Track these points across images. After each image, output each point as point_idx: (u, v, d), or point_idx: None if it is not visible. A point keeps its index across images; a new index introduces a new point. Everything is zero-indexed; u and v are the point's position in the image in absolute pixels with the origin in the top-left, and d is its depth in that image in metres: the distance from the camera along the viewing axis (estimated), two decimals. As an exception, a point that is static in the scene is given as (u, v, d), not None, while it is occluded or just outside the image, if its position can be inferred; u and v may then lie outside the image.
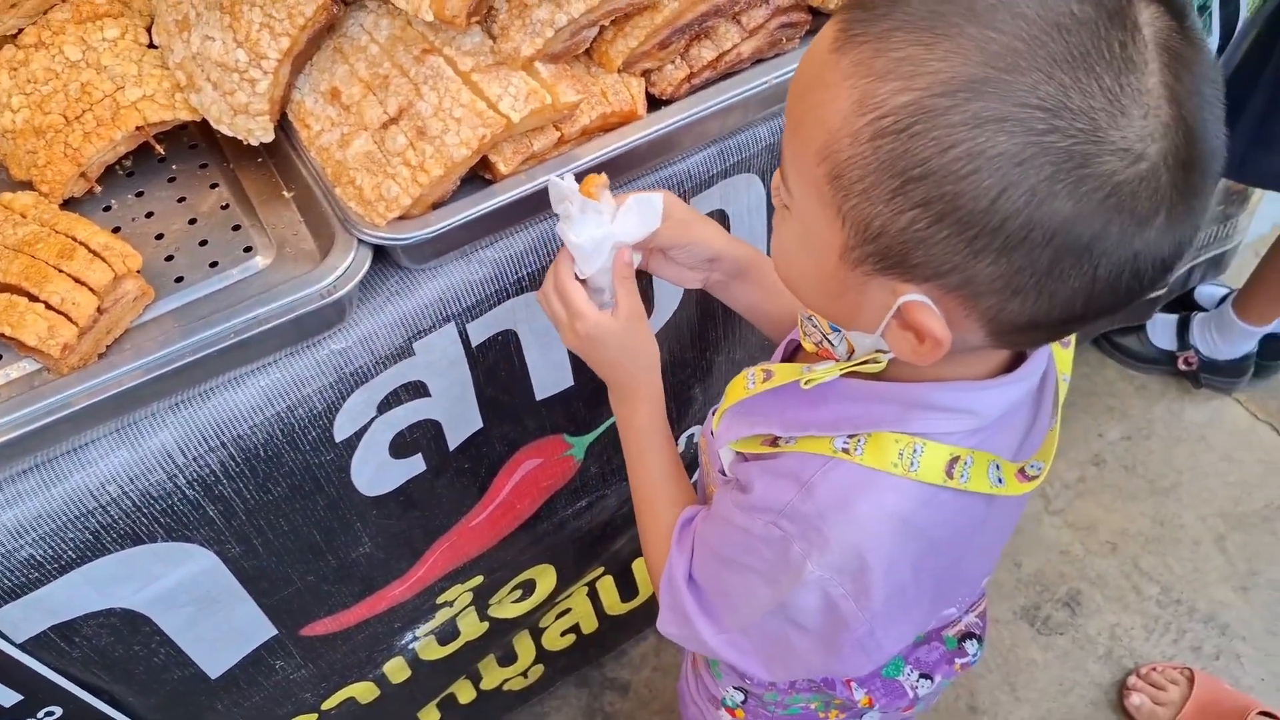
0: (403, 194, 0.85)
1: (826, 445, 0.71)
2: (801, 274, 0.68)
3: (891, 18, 0.56)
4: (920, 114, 0.54)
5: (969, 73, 0.53)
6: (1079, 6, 0.53)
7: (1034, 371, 0.72)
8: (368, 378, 0.94)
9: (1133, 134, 0.53)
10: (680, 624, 0.85)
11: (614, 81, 0.93)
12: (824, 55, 0.59)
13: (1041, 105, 0.52)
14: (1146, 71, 0.53)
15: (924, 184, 0.55)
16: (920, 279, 0.59)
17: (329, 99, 0.90)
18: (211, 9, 0.90)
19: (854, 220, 0.59)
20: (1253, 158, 1.67)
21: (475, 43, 0.88)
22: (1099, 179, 0.53)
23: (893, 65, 0.55)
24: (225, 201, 0.95)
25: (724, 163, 1.05)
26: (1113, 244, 0.55)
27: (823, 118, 0.58)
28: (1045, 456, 0.76)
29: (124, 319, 0.84)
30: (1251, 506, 2.02)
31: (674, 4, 0.91)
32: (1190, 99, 0.54)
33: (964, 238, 0.55)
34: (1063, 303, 0.58)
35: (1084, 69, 0.52)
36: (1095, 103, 0.52)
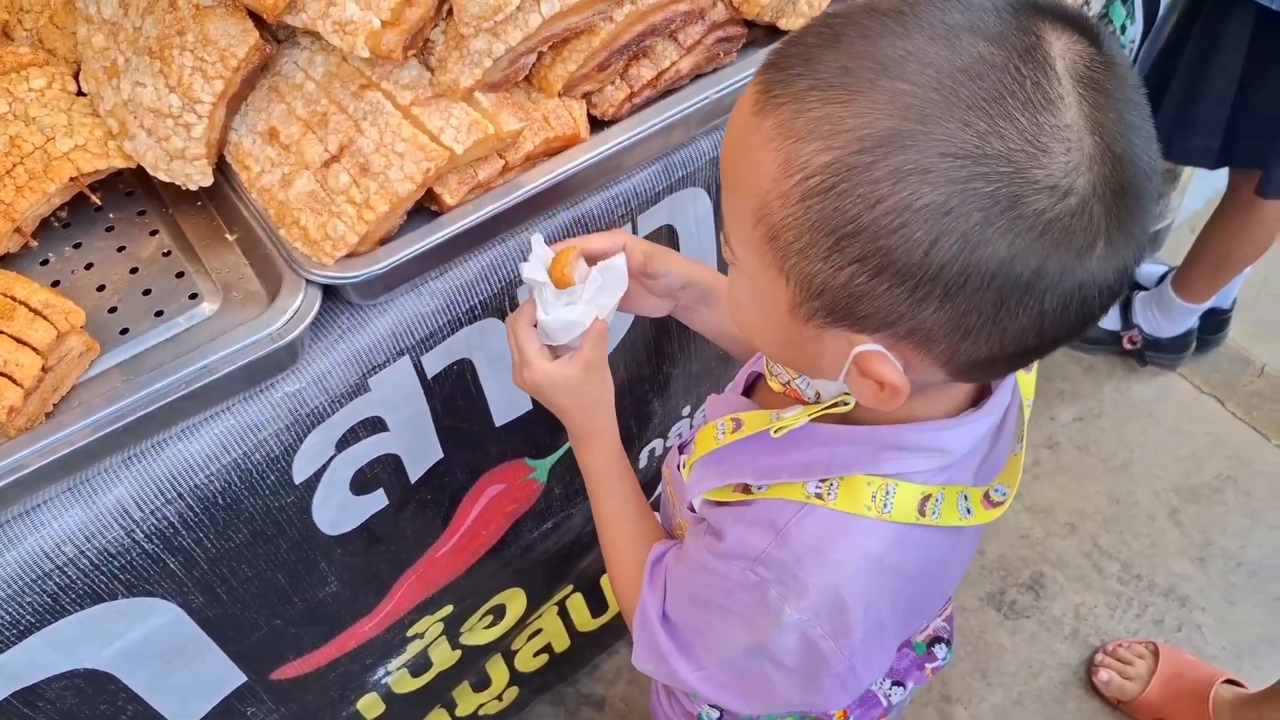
0: (349, 232, 0.85)
1: (799, 491, 0.71)
2: (759, 328, 0.68)
3: (806, 78, 0.56)
4: (844, 172, 0.54)
5: (885, 126, 0.53)
6: (987, 49, 0.53)
7: (1000, 404, 0.73)
8: (324, 417, 0.93)
9: (1057, 171, 0.53)
10: (656, 661, 0.85)
11: (555, 106, 0.93)
12: (746, 118, 0.59)
13: (960, 153, 0.52)
14: (1063, 106, 0.53)
15: (857, 240, 0.55)
16: (870, 329, 0.59)
17: (267, 139, 0.89)
18: (140, 54, 0.89)
19: (797, 278, 0.59)
20: (1178, 137, 1.71)
21: (413, 76, 0.88)
22: (1030, 218, 0.53)
23: (812, 125, 0.55)
24: (167, 248, 0.93)
25: (669, 178, 1.05)
26: (1054, 278, 0.55)
27: (752, 181, 0.59)
28: (1010, 481, 0.76)
29: (70, 376, 0.83)
30: (1202, 479, 2.06)
31: (610, 26, 0.91)
32: (1113, 126, 0.54)
33: (905, 288, 0.55)
34: (1014, 337, 0.58)
35: (999, 113, 0.52)
36: (1014, 145, 0.52)
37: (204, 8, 0.86)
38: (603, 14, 0.90)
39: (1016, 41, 0.54)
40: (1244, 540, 1.97)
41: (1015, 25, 0.54)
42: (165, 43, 0.87)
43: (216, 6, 0.86)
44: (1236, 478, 2.06)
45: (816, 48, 0.57)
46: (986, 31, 0.54)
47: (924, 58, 0.54)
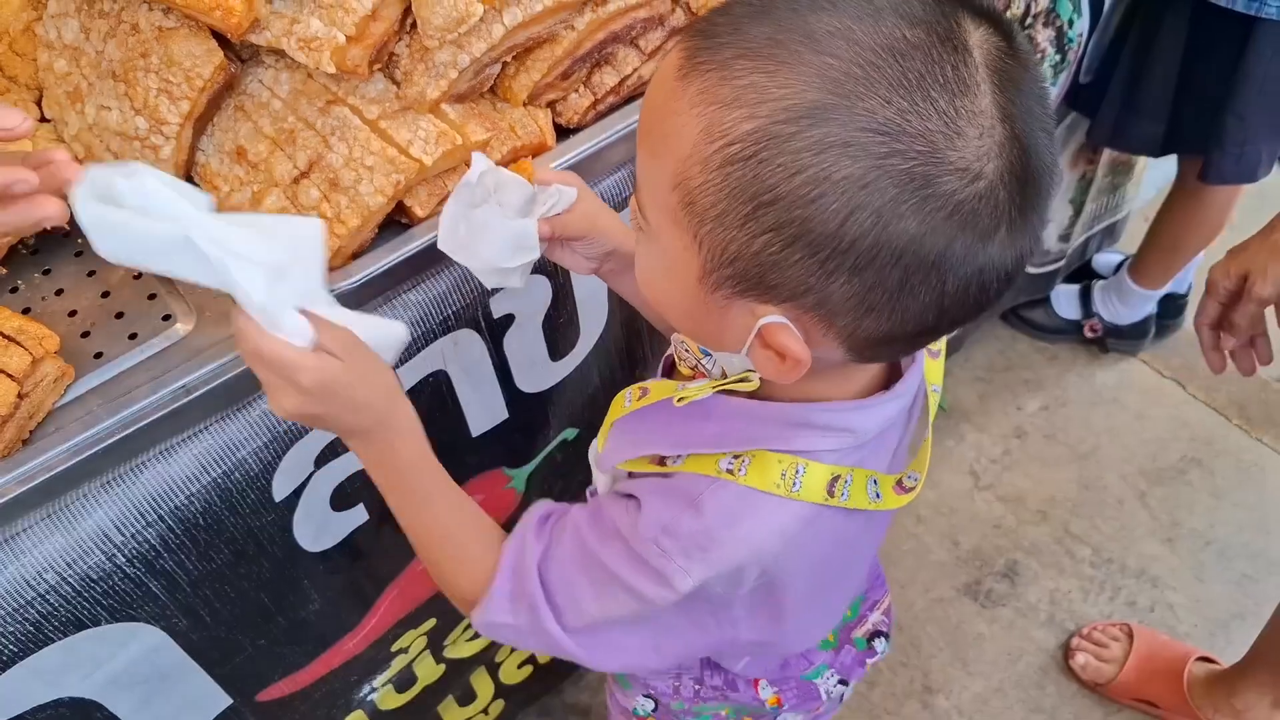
0: (322, 247, 0.85)
1: (712, 465, 0.72)
2: (664, 297, 0.68)
3: (733, 45, 0.57)
4: (766, 140, 0.55)
5: (810, 99, 0.54)
6: (911, 32, 0.55)
7: (909, 389, 0.74)
8: (302, 434, 0.93)
9: (970, 154, 0.55)
10: (523, 614, 0.78)
11: (521, 115, 0.94)
12: (670, 83, 0.59)
13: (881, 129, 0.54)
14: (979, 93, 0.55)
15: (774, 209, 0.56)
16: (777, 300, 0.60)
17: (235, 158, 0.89)
18: (104, 78, 0.89)
19: (709, 245, 0.60)
20: (1124, 124, 1.75)
21: (379, 90, 0.88)
22: (941, 198, 0.55)
23: (737, 93, 0.56)
24: (137, 271, 0.93)
25: (635, 184, 1.06)
26: (958, 260, 0.57)
27: (672, 146, 0.59)
28: (920, 467, 0.78)
29: (46, 402, 0.82)
30: (1167, 461, 2.10)
31: (572, 35, 0.92)
32: (1022, 117, 0.56)
33: (816, 259, 0.57)
34: (915, 317, 0.60)
35: (920, 93, 0.54)
36: (932, 125, 0.54)
37: (167, 29, 0.86)
38: (564, 23, 0.92)
39: (938, 26, 0.55)
40: (1211, 520, 2.01)
41: (937, 11, 0.56)
42: (129, 66, 0.87)
43: (179, 28, 0.86)
44: (1200, 459, 2.10)
45: (745, 19, 0.58)
46: (911, 15, 0.56)
47: (851, 35, 0.55)
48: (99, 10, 0.90)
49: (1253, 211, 2.12)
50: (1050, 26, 1.54)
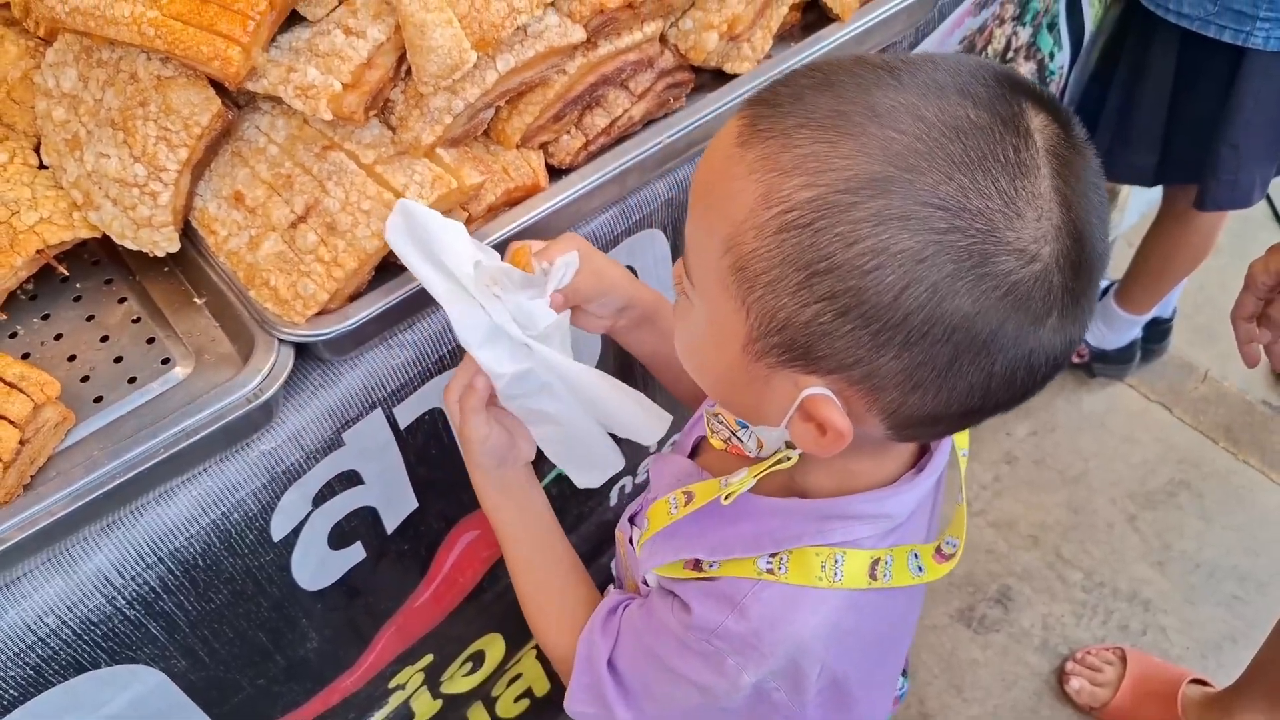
0: (319, 290, 0.86)
1: (751, 568, 0.73)
2: (704, 365, 0.69)
3: (796, 115, 0.57)
4: (825, 209, 0.55)
5: (873, 170, 0.54)
6: (975, 113, 0.55)
7: (939, 465, 0.75)
8: (300, 474, 0.94)
9: (1027, 235, 0.55)
10: (598, 705, 0.84)
11: (514, 157, 0.96)
12: (729, 149, 0.60)
13: (942, 205, 0.54)
14: (1039, 176, 0.56)
15: (829, 278, 0.56)
16: (824, 371, 0.60)
17: (233, 203, 0.91)
18: (103, 126, 0.90)
19: (759, 312, 0.60)
20: (1116, 156, 1.77)
21: (375, 135, 0.90)
22: (997, 278, 0.55)
23: (798, 161, 0.56)
24: (136, 315, 0.94)
25: (627, 221, 1.08)
26: (1009, 341, 0.57)
27: (728, 210, 0.59)
28: (958, 532, 0.78)
29: (47, 447, 0.83)
30: (1156, 484, 2.12)
31: (564, 78, 0.94)
32: (1078, 203, 0.57)
33: (868, 331, 0.57)
34: (961, 397, 0.60)
35: (982, 171, 0.54)
36: (993, 204, 0.54)
37: (166, 78, 0.87)
38: (556, 67, 0.93)
39: (1002, 109, 0.56)
40: (1200, 542, 2.02)
41: (1000, 94, 0.57)
42: (128, 114, 0.88)
43: (178, 76, 0.87)
44: (1189, 482, 2.12)
45: (809, 89, 0.58)
46: (975, 96, 0.56)
47: (916, 111, 0.55)
48: (97, 59, 0.92)
49: (1235, 234, 2.17)
50: (1031, 60, 1.57)
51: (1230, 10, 1.50)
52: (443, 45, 0.82)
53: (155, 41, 0.83)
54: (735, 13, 1.01)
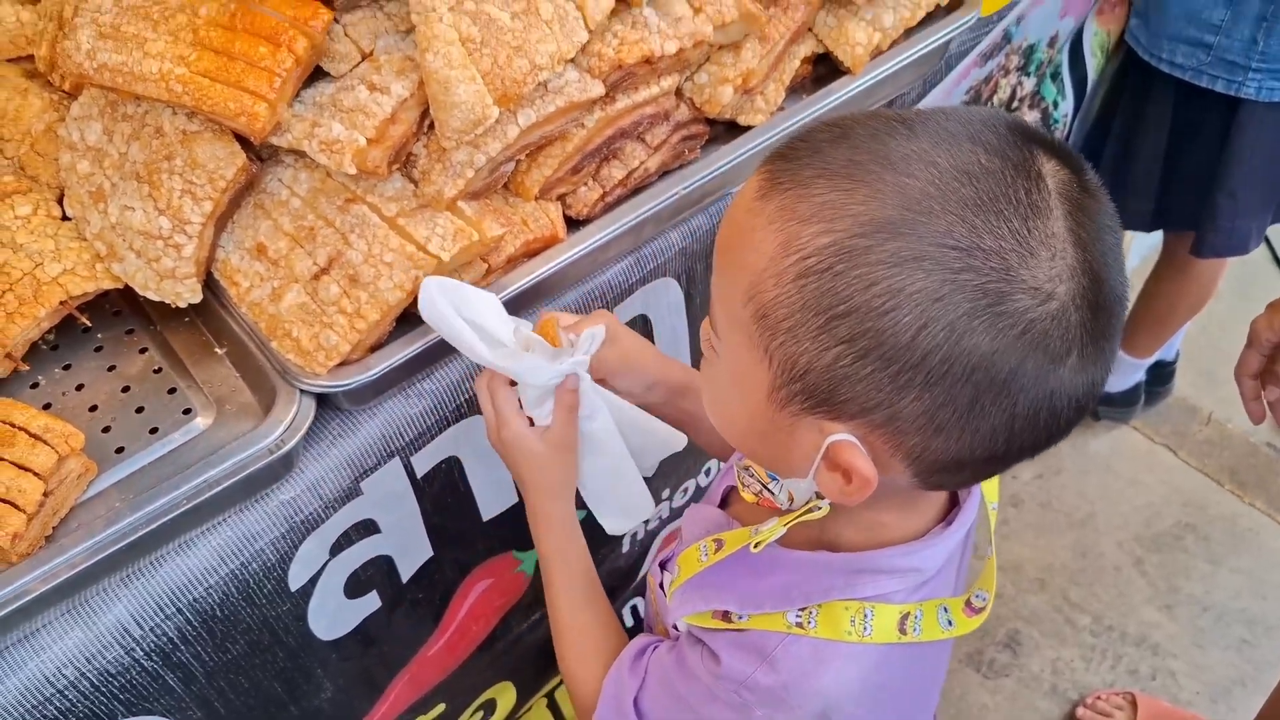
0: (342, 341, 0.87)
1: (780, 621, 0.73)
2: (731, 417, 0.70)
3: (813, 166, 0.59)
4: (842, 254, 0.56)
5: (887, 215, 0.56)
6: (987, 158, 0.57)
7: (968, 518, 0.75)
8: (318, 523, 0.94)
9: (1042, 274, 0.56)
10: None
11: (533, 209, 0.97)
12: (750, 203, 0.62)
13: (956, 245, 0.55)
14: (1052, 217, 0.57)
15: (848, 320, 0.57)
16: (847, 417, 0.61)
17: (255, 255, 0.91)
18: (128, 179, 0.91)
19: (780, 359, 0.61)
20: (1114, 201, 1.78)
21: (397, 188, 0.91)
22: (1013, 316, 0.56)
23: (815, 209, 0.58)
24: (157, 365, 0.95)
25: (642, 270, 1.09)
26: (1029, 380, 0.57)
27: (749, 260, 0.61)
28: (988, 585, 0.78)
29: (69, 498, 0.83)
30: (1162, 526, 2.12)
31: (583, 132, 0.95)
32: (1093, 244, 0.58)
33: (888, 373, 0.57)
34: (984, 439, 0.60)
35: (994, 213, 0.55)
36: (1006, 243, 0.55)
37: (191, 133, 0.89)
38: (575, 120, 0.95)
39: (1012, 155, 0.57)
40: (1208, 585, 2.02)
41: (1011, 141, 0.58)
42: (153, 167, 0.89)
43: (203, 131, 0.88)
44: (1195, 524, 2.12)
45: (826, 142, 0.60)
46: (986, 143, 0.58)
47: (928, 158, 0.57)
48: (122, 114, 0.93)
49: (1236, 277, 2.18)
50: (1036, 109, 1.59)
51: (1223, 61, 1.52)
52: (466, 101, 0.84)
53: (183, 98, 0.84)
54: (749, 67, 1.03)
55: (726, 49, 1.03)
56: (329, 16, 0.87)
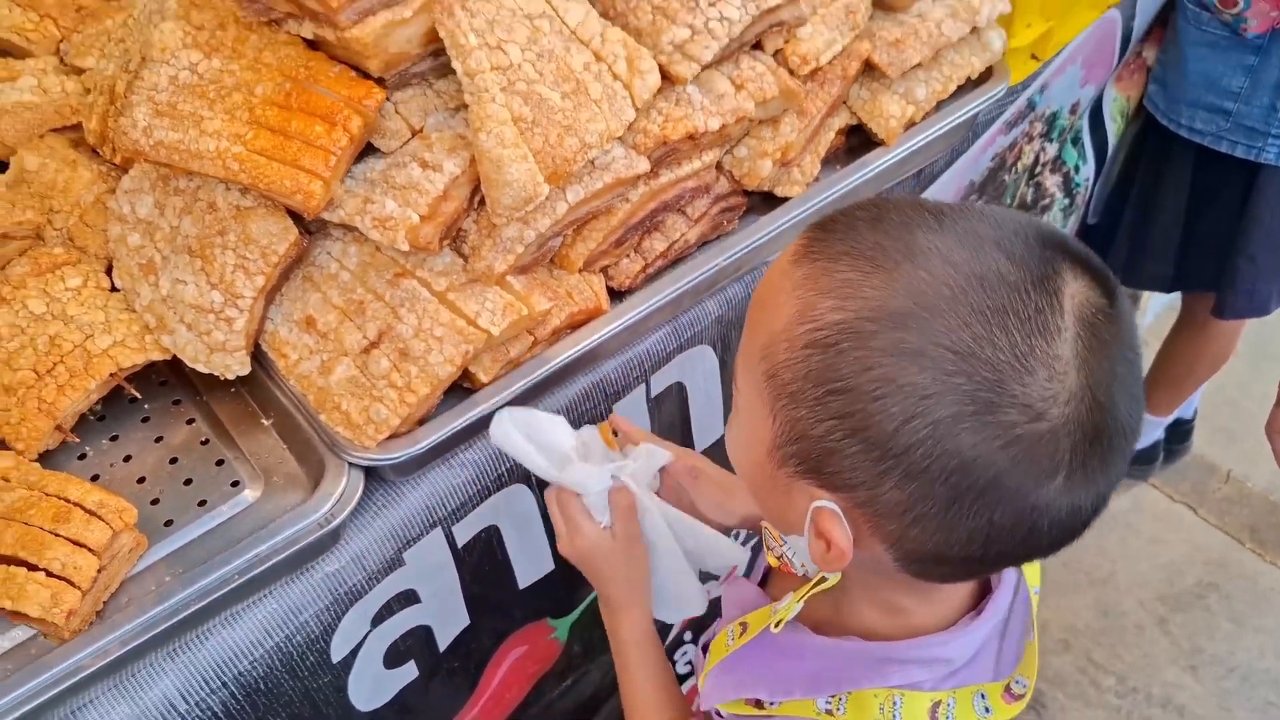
0: (392, 415, 0.87)
1: (811, 708, 0.73)
2: (742, 464, 0.71)
3: (844, 242, 0.61)
4: (848, 333, 0.58)
5: (896, 304, 0.57)
6: (1006, 266, 0.57)
7: (1000, 607, 0.74)
8: (361, 594, 0.94)
9: (1035, 393, 0.56)
10: None
11: (577, 281, 0.98)
12: (785, 265, 0.64)
13: (953, 348, 0.56)
14: (1060, 339, 0.56)
15: (842, 398, 0.58)
16: (832, 488, 0.62)
17: (304, 327, 0.92)
18: (179, 253, 0.92)
19: (782, 420, 0.62)
20: (1133, 264, 1.80)
21: (446, 263, 0.92)
22: (998, 427, 0.56)
23: (835, 285, 0.60)
24: (204, 436, 0.95)
25: (679, 339, 1.10)
26: (1008, 493, 0.57)
27: (770, 320, 0.63)
28: (1028, 671, 0.77)
29: (120, 573, 0.83)
30: (1184, 585, 2.11)
31: (627, 206, 0.97)
32: (1102, 374, 0.57)
33: (871, 456, 0.58)
34: (961, 541, 0.60)
35: (998, 323, 0.56)
36: (1003, 356, 0.56)
37: (245, 208, 0.90)
38: (620, 195, 0.96)
39: (1034, 268, 0.58)
40: (1232, 645, 2.01)
41: (1038, 254, 0.58)
42: (206, 242, 0.90)
43: (257, 207, 0.90)
44: (1217, 583, 2.11)
45: (862, 221, 0.62)
46: (1010, 251, 0.58)
47: (949, 257, 0.58)
48: (174, 188, 0.94)
49: (1254, 336, 2.19)
50: (1058, 173, 1.61)
51: (1243, 127, 1.54)
52: (518, 179, 0.85)
53: (239, 176, 0.86)
54: (788, 140, 1.04)
55: (765, 123, 1.05)
56: (382, 95, 0.89)
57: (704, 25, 0.93)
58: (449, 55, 0.87)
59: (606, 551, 0.90)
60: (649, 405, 1.13)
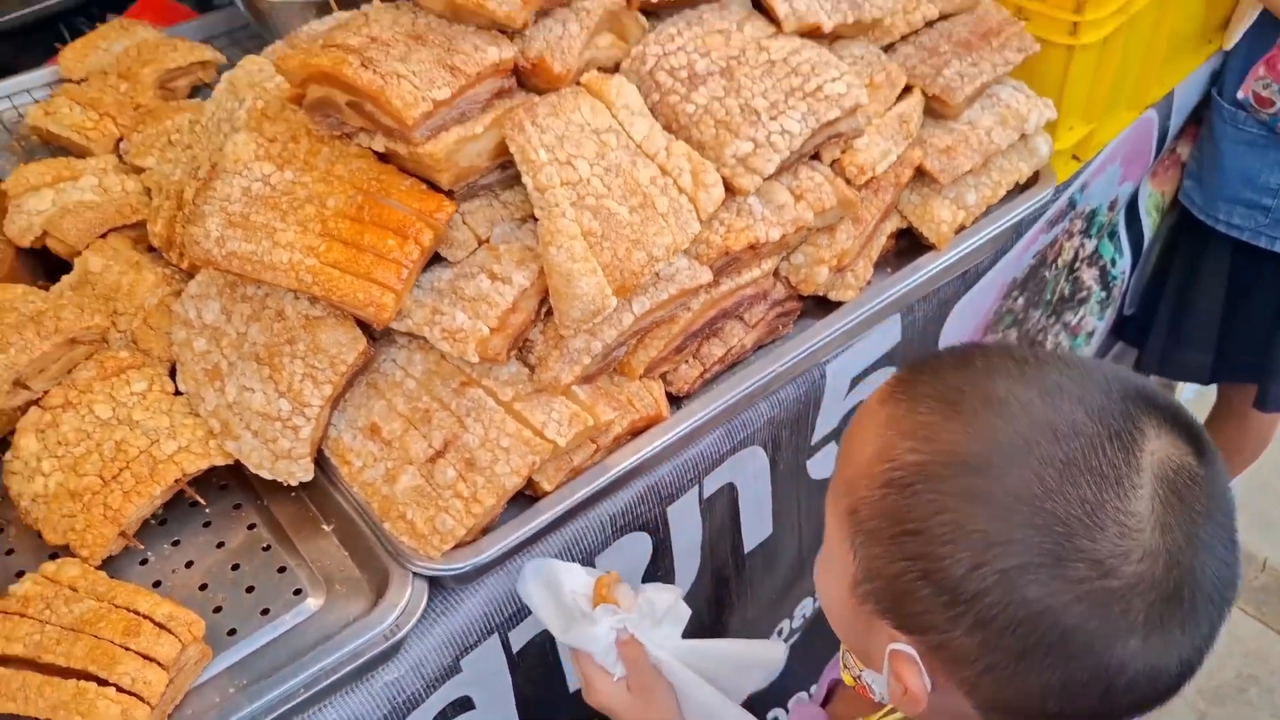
0: (458, 525, 0.87)
1: None
2: (828, 598, 0.72)
3: (928, 385, 0.63)
4: (924, 476, 0.59)
5: (971, 450, 0.58)
6: (1083, 418, 0.58)
7: None
8: (419, 702, 0.93)
9: (1105, 549, 0.55)
10: None
11: (637, 388, 0.98)
12: (874, 405, 0.66)
13: (1023, 498, 0.56)
14: (1135, 496, 0.56)
15: (915, 540, 0.59)
16: (908, 630, 0.62)
17: (368, 434, 0.93)
18: (247, 360, 0.93)
19: (862, 557, 0.63)
20: (1171, 355, 1.81)
21: (512, 372, 0.93)
22: (1067, 581, 0.56)
23: (915, 427, 0.61)
24: (266, 542, 0.95)
25: (732, 441, 1.10)
26: (1079, 649, 0.57)
27: (855, 456, 0.64)
28: None
29: (185, 685, 0.83)
30: (1224, 678, 2.07)
31: (688, 314, 0.98)
32: (1182, 534, 0.56)
33: (941, 600, 0.58)
34: (1035, 695, 0.59)
35: (1069, 476, 0.56)
36: (1073, 510, 0.56)
37: (314, 318, 0.91)
38: (683, 304, 0.97)
39: (1113, 422, 0.58)
40: (1275, 742, 1.97)
41: (1119, 409, 0.58)
42: (274, 350, 0.91)
43: (326, 317, 0.91)
44: (1257, 675, 2.07)
45: (948, 365, 0.64)
46: (1089, 404, 0.58)
47: (1027, 405, 0.59)
48: (242, 295, 0.96)
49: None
50: (1095, 266, 1.62)
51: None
52: (587, 293, 0.86)
53: (313, 288, 0.87)
54: (844, 248, 1.05)
55: (822, 230, 1.06)
56: (453, 209, 0.90)
57: (766, 139, 0.95)
58: (519, 169, 0.88)
59: (624, 704, 0.89)
60: (701, 507, 1.12)
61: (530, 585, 0.90)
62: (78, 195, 1.20)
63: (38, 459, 0.94)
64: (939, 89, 1.12)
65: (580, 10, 0.94)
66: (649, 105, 0.96)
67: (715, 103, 0.96)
